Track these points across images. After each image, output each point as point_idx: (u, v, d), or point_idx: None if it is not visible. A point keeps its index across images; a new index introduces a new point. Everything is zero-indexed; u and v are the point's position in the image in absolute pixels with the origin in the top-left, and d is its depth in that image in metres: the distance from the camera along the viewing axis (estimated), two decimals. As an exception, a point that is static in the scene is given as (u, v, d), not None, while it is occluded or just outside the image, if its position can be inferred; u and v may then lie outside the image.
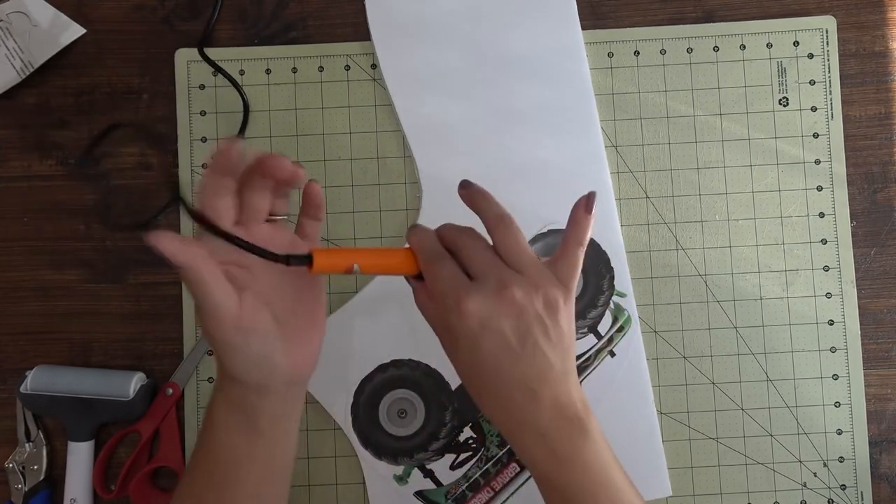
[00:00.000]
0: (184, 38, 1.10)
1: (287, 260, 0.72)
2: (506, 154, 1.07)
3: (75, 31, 1.07)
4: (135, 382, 1.04)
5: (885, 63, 1.11)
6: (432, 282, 0.77)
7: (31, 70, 1.06)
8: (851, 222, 1.09)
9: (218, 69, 1.09)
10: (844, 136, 1.10)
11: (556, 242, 1.05)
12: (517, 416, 0.77)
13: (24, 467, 1.05)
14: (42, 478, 1.05)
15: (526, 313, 0.75)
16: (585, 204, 0.81)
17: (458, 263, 0.78)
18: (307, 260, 0.73)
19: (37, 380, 1.04)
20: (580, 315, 1.06)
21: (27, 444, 1.06)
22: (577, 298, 1.04)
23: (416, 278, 0.80)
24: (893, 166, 1.10)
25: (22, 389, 1.04)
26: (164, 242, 0.67)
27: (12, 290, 1.09)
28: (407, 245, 0.80)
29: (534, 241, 1.06)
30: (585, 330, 1.06)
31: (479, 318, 0.74)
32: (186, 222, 1.08)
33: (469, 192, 0.82)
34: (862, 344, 1.09)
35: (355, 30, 1.11)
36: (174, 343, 1.08)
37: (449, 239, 0.80)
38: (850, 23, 1.11)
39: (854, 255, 1.09)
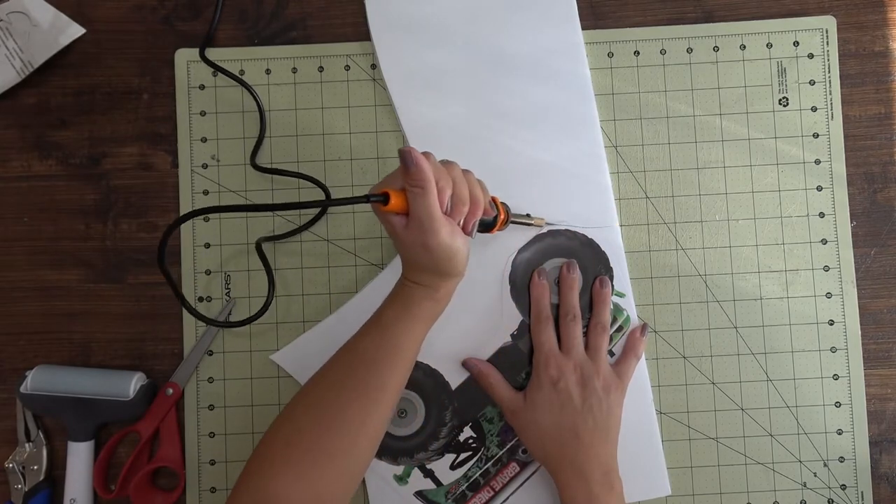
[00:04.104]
0: (184, 38, 1.11)
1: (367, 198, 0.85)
2: (506, 154, 1.07)
3: (75, 31, 1.07)
4: (135, 382, 1.04)
5: (885, 63, 1.11)
6: (536, 336, 1.06)
7: (31, 70, 1.06)
8: (851, 222, 1.09)
9: (224, 72, 1.09)
10: (844, 136, 1.10)
11: (556, 242, 1.06)
12: (564, 457, 1.00)
13: (24, 467, 1.06)
14: (42, 478, 1.06)
15: (589, 385, 1.02)
16: (641, 330, 1.08)
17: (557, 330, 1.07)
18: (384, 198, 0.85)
19: (37, 380, 1.04)
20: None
21: (27, 444, 1.06)
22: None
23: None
24: (893, 166, 1.10)
25: (22, 389, 1.04)
26: (419, 157, 0.83)
27: (12, 290, 1.09)
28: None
29: (534, 241, 1.07)
30: (585, 329, 1.06)
31: (557, 377, 1.02)
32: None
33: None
34: (862, 344, 1.09)
35: (355, 29, 1.11)
36: (174, 343, 1.08)
37: (563, 309, 1.07)
38: (850, 23, 1.11)
39: (854, 255, 1.09)
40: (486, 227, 0.98)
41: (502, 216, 0.99)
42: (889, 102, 1.11)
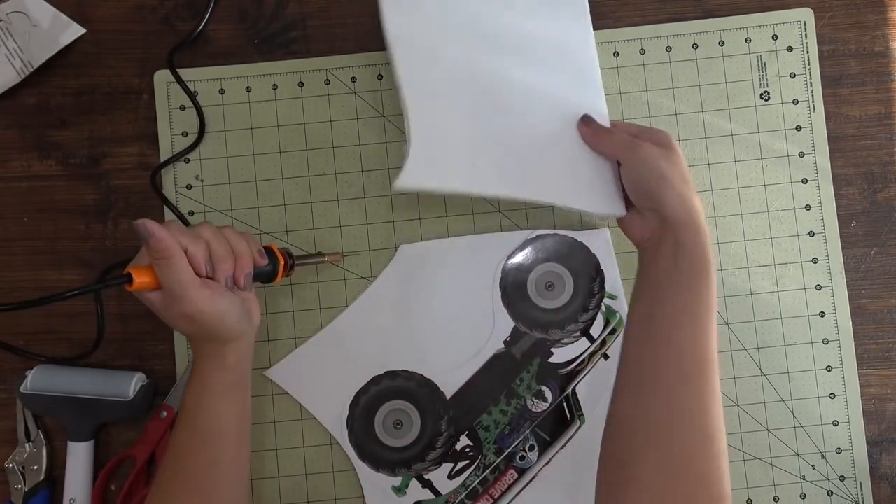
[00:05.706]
0: (183, 38, 1.11)
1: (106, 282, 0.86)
2: (521, 132, 1.02)
3: (75, 31, 1.08)
4: (135, 382, 1.05)
5: (885, 63, 1.12)
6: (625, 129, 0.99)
7: (31, 70, 1.07)
8: (851, 222, 1.10)
9: (179, 80, 1.10)
10: (845, 136, 1.11)
11: (545, 246, 1.08)
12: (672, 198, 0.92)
13: (24, 467, 1.07)
14: (42, 478, 1.06)
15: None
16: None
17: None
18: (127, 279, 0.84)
19: (37, 380, 1.05)
20: (571, 319, 1.07)
21: (27, 444, 1.07)
22: (567, 302, 1.07)
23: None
24: (893, 166, 1.11)
25: (22, 389, 1.05)
26: (155, 227, 0.81)
27: (12, 290, 1.10)
28: None
29: (524, 245, 1.08)
30: (578, 333, 1.07)
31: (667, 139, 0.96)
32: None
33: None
34: (862, 344, 1.09)
35: (355, 29, 1.12)
36: (174, 343, 1.09)
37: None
38: (850, 23, 1.12)
39: (854, 255, 1.10)
40: (268, 276, 0.96)
41: (282, 261, 0.97)
42: (889, 102, 1.12)
